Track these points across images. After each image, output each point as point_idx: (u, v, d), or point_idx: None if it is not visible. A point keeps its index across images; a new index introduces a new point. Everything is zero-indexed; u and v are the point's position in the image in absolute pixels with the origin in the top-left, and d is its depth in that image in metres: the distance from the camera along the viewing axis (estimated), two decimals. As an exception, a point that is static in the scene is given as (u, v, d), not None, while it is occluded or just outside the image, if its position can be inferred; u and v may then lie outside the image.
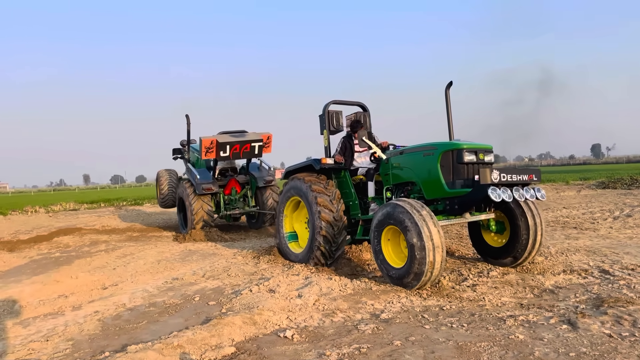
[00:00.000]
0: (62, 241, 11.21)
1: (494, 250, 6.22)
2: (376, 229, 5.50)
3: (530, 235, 5.82)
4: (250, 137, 10.91)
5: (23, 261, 8.81)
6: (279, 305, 4.75)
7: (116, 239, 11.33)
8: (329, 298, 4.99)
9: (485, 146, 5.74)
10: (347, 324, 4.24)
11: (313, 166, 6.96)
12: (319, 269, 6.32)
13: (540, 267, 5.91)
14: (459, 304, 4.67)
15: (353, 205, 6.77)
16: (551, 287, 5.09)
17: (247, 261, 7.38)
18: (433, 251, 4.90)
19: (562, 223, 9.82)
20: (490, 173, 5.12)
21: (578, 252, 6.74)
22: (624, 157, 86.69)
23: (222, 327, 4.11)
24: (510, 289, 5.11)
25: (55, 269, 7.77)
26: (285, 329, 4.10)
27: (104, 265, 7.92)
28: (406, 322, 4.20)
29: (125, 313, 4.99)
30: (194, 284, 6.09)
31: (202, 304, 5.15)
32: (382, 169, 6.44)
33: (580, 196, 15.87)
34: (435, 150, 5.65)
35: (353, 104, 7.88)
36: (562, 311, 4.28)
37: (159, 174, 13.67)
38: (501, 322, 4.03)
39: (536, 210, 5.94)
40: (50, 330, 4.55)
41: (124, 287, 6.20)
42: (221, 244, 9.74)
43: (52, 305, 5.45)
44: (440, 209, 5.82)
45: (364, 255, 7.13)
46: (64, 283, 6.54)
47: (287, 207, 7.37)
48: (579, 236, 8.22)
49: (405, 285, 5.16)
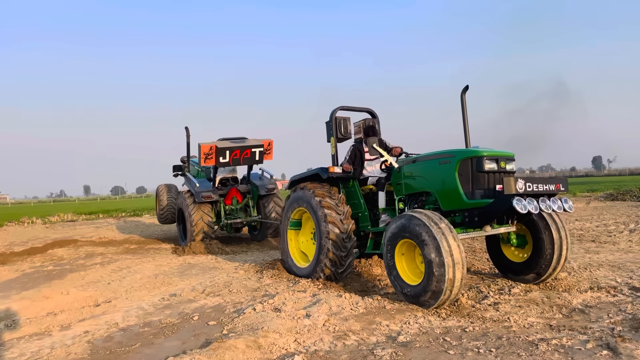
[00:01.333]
0: (56, 253, 10.80)
1: (514, 266, 5.81)
2: (389, 242, 5.10)
3: (555, 249, 5.41)
4: (250, 143, 10.55)
5: (14, 275, 8.39)
6: (286, 326, 4.34)
7: (113, 252, 10.92)
8: (340, 318, 4.57)
9: (507, 154, 5.36)
10: (361, 347, 3.84)
11: (320, 175, 6.57)
12: (327, 285, 5.91)
13: (565, 284, 5.51)
14: (483, 324, 4.27)
15: (362, 217, 6.37)
16: (580, 306, 4.69)
17: (250, 276, 6.97)
18: (453, 268, 4.50)
19: (577, 236, 9.43)
20: (515, 182, 4.72)
21: (602, 267, 6.35)
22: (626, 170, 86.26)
23: (223, 352, 3.70)
24: (536, 308, 4.70)
25: (46, 283, 7.36)
26: (294, 354, 3.70)
27: (98, 279, 7.50)
28: (427, 346, 3.79)
29: (117, 334, 4.58)
30: (192, 301, 5.68)
31: (201, 324, 4.73)
32: (394, 178, 6.05)
33: (590, 208, 15.49)
34: (453, 158, 5.26)
35: (362, 110, 7.53)
36: (597, 334, 3.88)
37: (158, 189, 13.31)
38: (533, 347, 3.62)
39: (561, 223, 5.54)
40: (34, 353, 4.14)
41: (117, 304, 5.79)
42: (222, 257, 9.32)
43: (39, 325, 5.04)
44: (458, 222, 5.42)
45: (374, 269, 6.72)
46: (54, 299, 6.12)
47: (292, 218, 6.97)
48: (598, 250, 7.82)
49: (422, 304, 4.74)
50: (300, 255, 6.94)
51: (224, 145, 10.19)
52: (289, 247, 6.96)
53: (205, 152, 9.95)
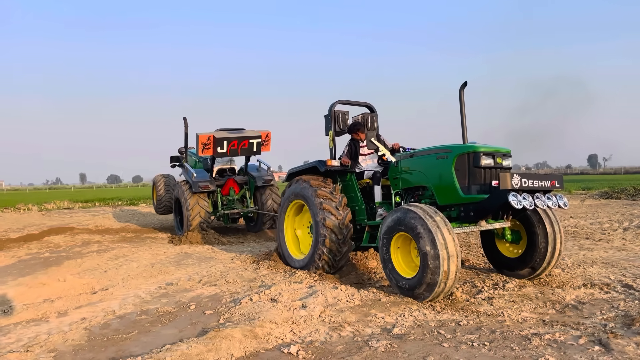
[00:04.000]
0: (52, 240, 10.81)
1: (509, 261, 5.86)
2: (385, 236, 5.14)
3: (549, 243, 5.46)
4: (248, 134, 10.54)
5: (10, 261, 8.40)
6: (282, 316, 4.37)
7: (109, 240, 10.93)
8: (336, 309, 4.61)
9: (503, 150, 5.40)
10: (356, 339, 3.88)
11: (318, 168, 6.59)
12: (323, 277, 5.95)
13: (559, 280, 5.56)
14: (477, 318, 4.31)
15: (359, 210, 6.41)
16: (573, 302, 4.74)
17: (246, 266, 7.00)
18: (448, 260, 4.54)
19: (572, 233, 9.49)
20: (510, 178, 4.76)
21: (595, 264, 6.40)
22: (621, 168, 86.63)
23: (220, 341, 3.73)
24: (529, 304, 4.75)
25: (43, 270, 7.37)
26: (290, 344, 3.73)
27: (95, 267, 7.53)
28: (422, 338, 3.83)
29: (114, 321, 4.61)
30: (189, 290, 5.71)
31: (198, 313, 4.76)
32: (391, 173, 6.08)
33: (585, 206, 15.56)
34: (450, 153, 5.30)
35: (360, 104, 7.53)
36: (589, 330, 3.93)
37: (155, 180, 13.29)
38: (526, 342, 3.67)
39: (554, 217, 5.59)
40: (31, 339, 4.16)
41: (114, 291, 5.81)
42: (218, 247, 9.35)
43: (36, 311, 5.06)
44: (453, 216, 5.46)
45: (369, 262, 6.76)
46: (51, 286, 6.15)
47: (289, 210, 7.00)
48: (592, 247, 7.89)
49: (417, 297, 4.79)
50: (297, 248, 6.97)
51: (222, 135, 10.19)
52: (286, 239, 6.99)
53: (203, 142, 9.95)
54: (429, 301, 4.74)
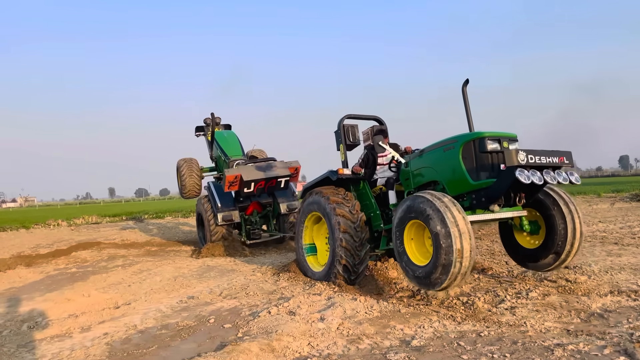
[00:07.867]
0: (80, 256, 11.04)
1: (531, 253, 5.75)
2: (398, 228, 5.16)
3: (567, 223, 5.37)
4: (277, 172, 10.32)
5: (39, 277, 8.61)
6: (300, 329, 4.36)
7: (134, 254, 11.11)
8: (354, 322, 4.58)
9: (509, 134, 5.34)
10: (374, 352, 3.84)
11: (330, 178, 6.66)
12: (342, 288, 5.93)
13: (585, 288, 5.41)
14: (498, 329, 4.23)
15: (374, 216, 6.40)
16: (599, 311, 4.60)
17: (267, 278, 7.03)
18: (460, 238, 4.50)
19: (600, 238, 9.24)
20: (516, 154, 4.75)
21: (623, 270, 6.21)
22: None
23: (237, 355, 3.74)
24: (554, 313, 4.63)
25: (69, 285, 7.53)
26: (307, 357, 3.72)
27: (119, 281, 7.65)
28: (440, 350, 3.77)
29: (135, 336, 4.67)
30: (209, 304, 5.75)
31: (217, 327, 4.79)
32: (402, 175, 6.09)
33: (614, 209, 15.16)
34: (456, 142, 5.29)
35: (368, 118, 7.57)
36: (615, 339, 3.81)
37: (178, 164, 13.12)
38: (548, 352, 3.58)
39: (568, 198, 5.50)
40: (54, 355, 4.25)
41: (137, 306, 5.89)
42: (240, 260, 9.41)
43: (61, 326, 5.16)
44: (466, 205, 5.41)
45: (389, 273, 6.70)
46: (76, 301, 6.27)
47: (307, 222, 7.04)
48: (621, 253, 7.65)
49: (434, 283, 4.72)
50: (316, 260, 6.98)
51: (249, 176, 9.98)
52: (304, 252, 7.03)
53: (230, 180, 9.90)
54: (446, 287, 4.70)
